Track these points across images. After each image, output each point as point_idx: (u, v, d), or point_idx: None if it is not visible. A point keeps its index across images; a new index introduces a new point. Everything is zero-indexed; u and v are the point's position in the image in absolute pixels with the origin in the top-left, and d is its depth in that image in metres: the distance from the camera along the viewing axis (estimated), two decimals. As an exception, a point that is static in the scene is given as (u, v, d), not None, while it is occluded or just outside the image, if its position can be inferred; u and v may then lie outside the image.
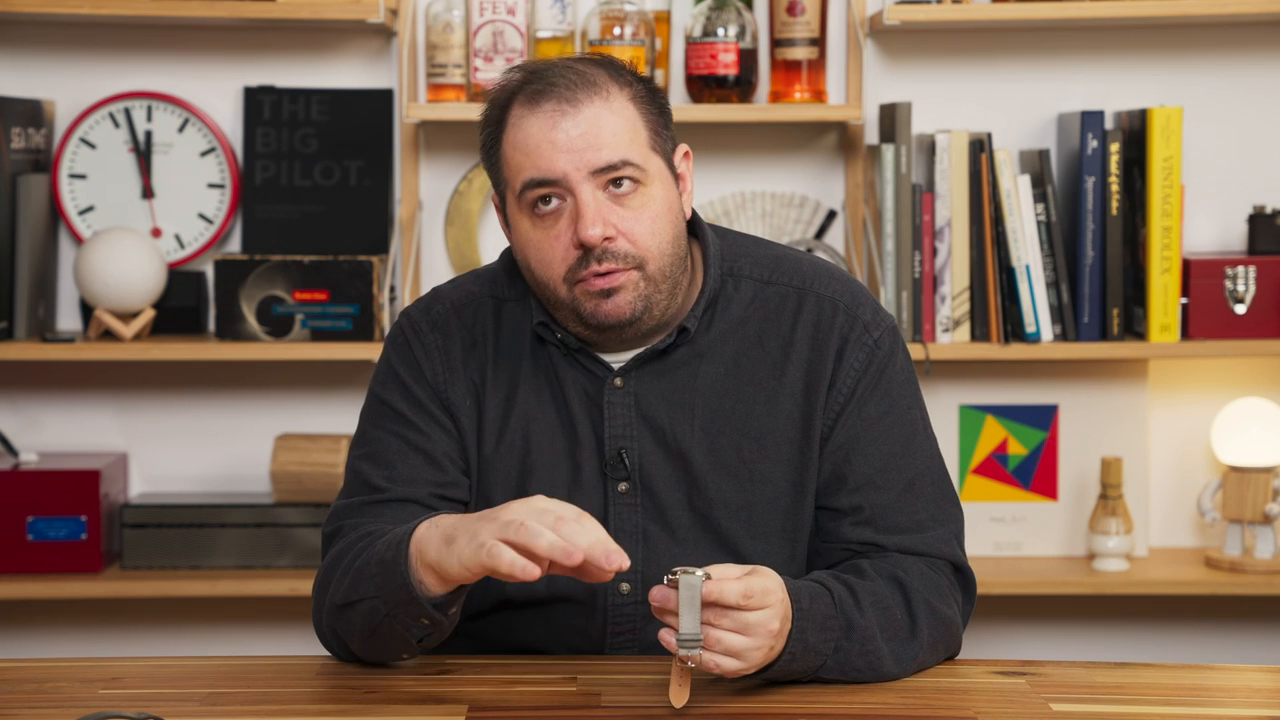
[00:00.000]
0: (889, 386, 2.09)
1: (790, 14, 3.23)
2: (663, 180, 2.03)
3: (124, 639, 3.41)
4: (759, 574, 1.85)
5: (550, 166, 1.98)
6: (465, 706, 1.89)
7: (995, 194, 3.21)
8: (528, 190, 2.00)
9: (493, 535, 1.79)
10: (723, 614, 1.81)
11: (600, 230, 1.98)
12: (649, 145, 2.02)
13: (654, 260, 2.01)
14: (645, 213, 2.01)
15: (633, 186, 2.00)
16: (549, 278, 2.02)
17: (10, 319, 3.23)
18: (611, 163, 1.99)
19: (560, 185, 1.99)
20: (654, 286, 2.02)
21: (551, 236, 2.01)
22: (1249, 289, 3.24)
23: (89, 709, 1.84)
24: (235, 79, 3.38)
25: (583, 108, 1.99)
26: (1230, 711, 1.92)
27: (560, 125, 1.98)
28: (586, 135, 1.98)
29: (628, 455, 2.07)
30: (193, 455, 3.42)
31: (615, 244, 1.99)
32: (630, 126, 2.01)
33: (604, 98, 2.00)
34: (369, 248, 3.32)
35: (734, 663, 1.83)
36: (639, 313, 2.02)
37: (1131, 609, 3.46)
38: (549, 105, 1.99)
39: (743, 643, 1.83)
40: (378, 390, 2.13)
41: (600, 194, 1.99)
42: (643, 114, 2.03)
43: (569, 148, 1.98)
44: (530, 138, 2.00)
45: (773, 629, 1.83)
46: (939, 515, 2.08)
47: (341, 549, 2.02)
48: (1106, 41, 3.40)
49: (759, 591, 1.82)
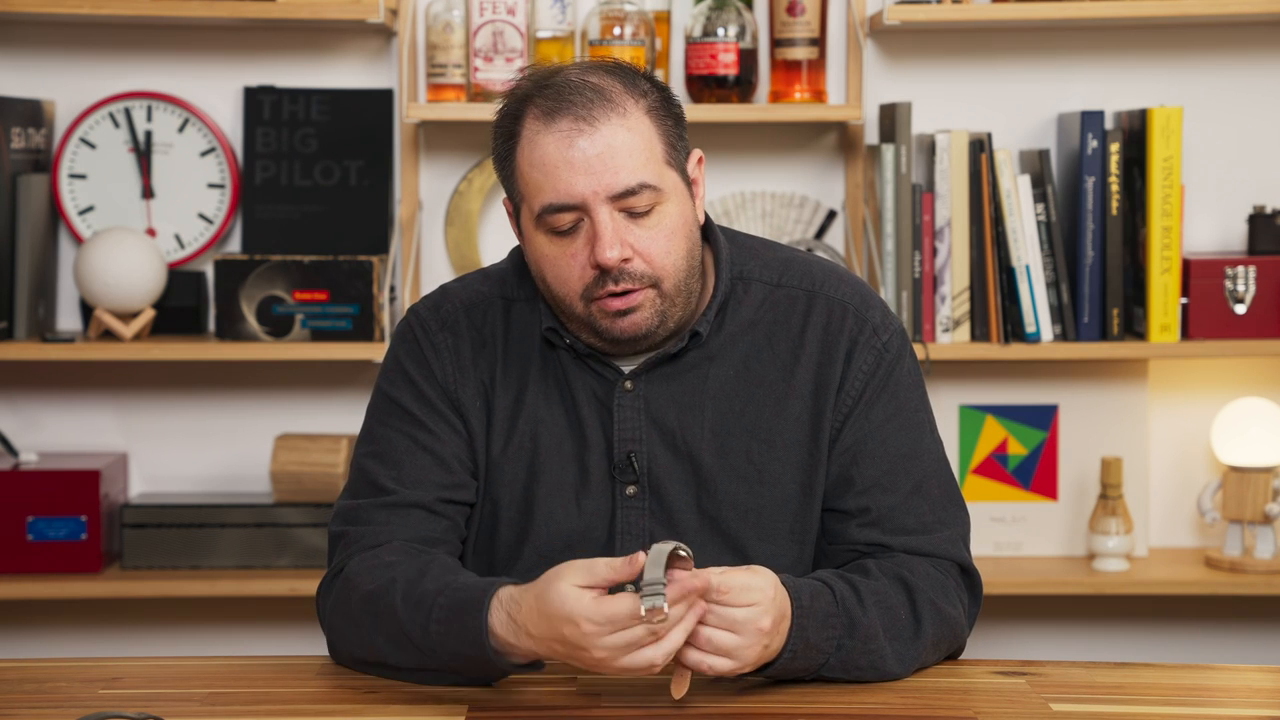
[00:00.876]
0: (897, 389, 2.10)
1: (790, 14, 3.23)
2: (678, 195, 2.03)
3: (124, 639, 3.41)
4: (746, 571, 1.85)
5: (569, 190, 1.98)
6: (465, 706, 1.89)
7: (995, 194, 3.21)
8: (547, 215, 2.00)
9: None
10: (709, 611, 1.82)
11: (618, 253, 1.98)
12: (664, 160, 2.02)
13: (670, 278, 2.02)
14: (661, 232, 2.01)
15: (649, 206, 2.00)
16: (565, 294, 2.03)
17: (10, 319, 3.23)
18: (629, 187, 1.98)
19: (578, 209, 1.99)
20: (669, 302, 2.03)
21: (568, 255, 2.01)
22: (1249, 289, 3.24)
23: (89, 709, 1.84)
24: (235, 79, 3.38)
25: (600, 126, 1.98)
26: (1230, 711, 1.92)
27: (577, 144, 1.98)
28: (604, 156, 1.97)
29: (636, 459, 2.07)
30: (193, 455, 3.42)
31: (632, 265, 2.00)
32: (646, 144, 2.00)
33: (620, 114, 1.99)
34: (369, 248, 3.32)
35: (726, 662, 1.84)
36: (654, 328, 2.03)
37: (1131, 609, 3.46)
38: (565, 124, 1.98)
39: (732, 640, 1.83)
40: (386, 388, 2.13)
41: (618, 215, 1.99)
42: (658, 127, 2.02)
43: (587, 170, 1.97)
44: (547, 157, 1.99)
45: (762, 627, 1.84)
46: (946, 517, 2.09)
47: (355, 574, 2.00)
48: (1106, 41, 3.40)
49: (738, 587, 1.83)
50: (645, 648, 1.80)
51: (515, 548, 2.09)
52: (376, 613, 1.95)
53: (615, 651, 1.80)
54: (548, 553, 2.05)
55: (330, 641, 2.05)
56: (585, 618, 1.79)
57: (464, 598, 1.89)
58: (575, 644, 1.80)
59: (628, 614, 1.78)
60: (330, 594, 2.04)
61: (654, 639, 1.79)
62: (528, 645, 1.85)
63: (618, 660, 1.80)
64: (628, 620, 1.78)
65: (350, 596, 1.99)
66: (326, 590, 2.05)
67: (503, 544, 2.10)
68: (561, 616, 1.80)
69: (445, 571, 1.95)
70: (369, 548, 2.03)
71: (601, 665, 1.81)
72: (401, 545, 2.02)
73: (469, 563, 2.11)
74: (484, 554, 2.11)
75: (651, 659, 1.80)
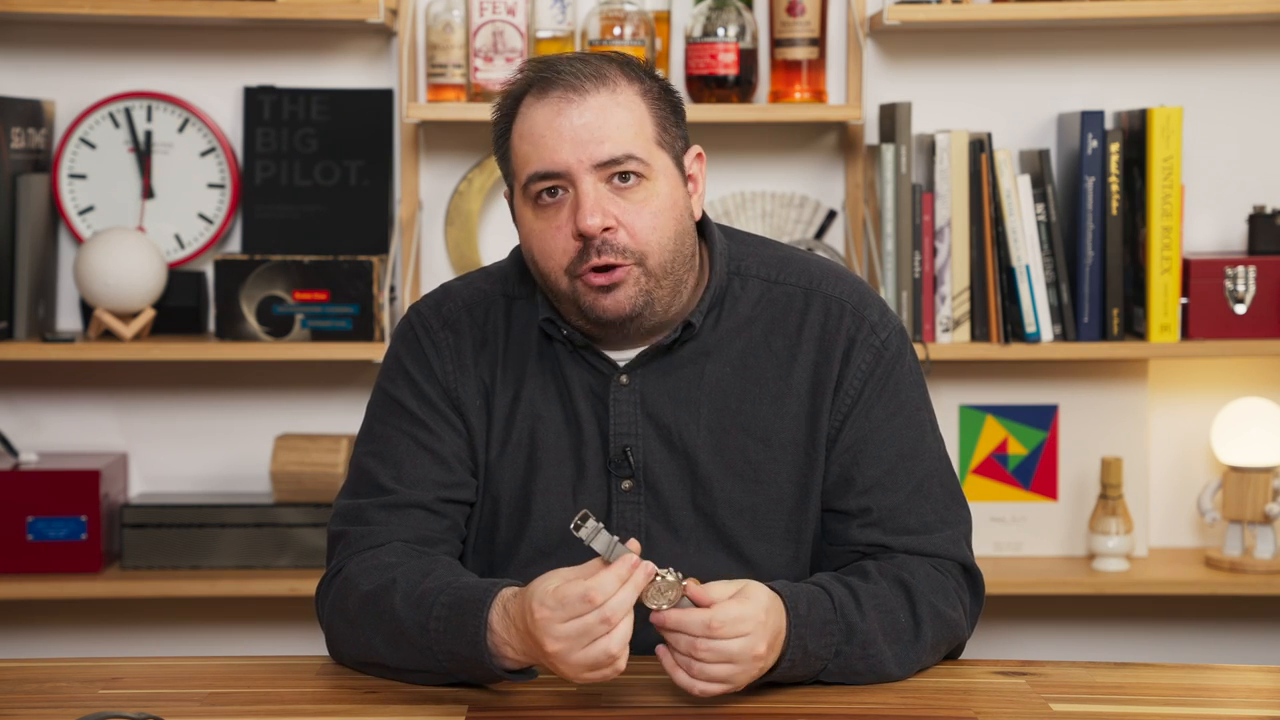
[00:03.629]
0: (897, 388, 2.09)
1: (790, 14, 3.23)
2: (668, 177, 2.03)
3: (124, 639, 3.41)
4: (740, 598, 1.85)
5: (554, 158, 1.99)
6: (465, 707, 1.89)
7: (995, 194, 3.21)
8: (532, 183, 2.01)
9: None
10: (704, 648, 1.82)
11: (599, 220, 1.97)
12: (654, 140, 2.02)
13: (654, 255, 2.01)
14: (647, 207, 2.00)
15: (636, 180, 2.00)
16: (550, 269, 2.02)
17: (10, 319, 3.23)
18: (614, 156, 1.99)
19: (563, 177, 1.99)
20: (655, 282, 2.02)
21: (553, 227, 2.01)
22: (1249, 289, 3.24)
23: (89, 709, 1.84)
24: (235, 79, 3.38)
25: (589, 97, 1.99)
26: (1230, 711, 1.92)
27: (565, 113, 1.99)
28: (590, 125, 1.98)
29: (632, 453, 2.07)
30: (193, 455, 3.42)
31: (615, 235, 1.99)
32: (636, 120, 2.01)
33: (610, 89, 2.00)
34: (369, 248, 3.32)
35: (721, 687, 1.85)
36: (639, 308, 2.02)
37: (1131, 609, 3.46)
38: (556, 94, 2.00)
39: (729, 670, 1.84)
40: (386, 386, 2.13)
41: (602, 185, 1.99)
42: (651, 109, 2.03)
43: (573, 138, 1.98)
44: (535, 126, 2.00)
45: (758, 653, 1.84)
46: (947, 517, 2.08)
47: (355, 574, 2.00)
48: (1106, 41, 3.40)
49: (730, 620, 1.83)
50: (599, 639, 1.79)
51: (513, 543, 2.09)
52: (375, 612, 1.95)
53: (569, 643, 1.79)
54: (544, 548, 2.06)
55: (329, 641, 2.05)
56: (540, 602, 1.80)
57: (466, 596, 1.89)
58: (534, 635, 1.81)
59: (577, 596, 1.78)
60: (329, 593, 2.04)
61: (606, 628, 1.79)
62: (517, 644, 1.86)
63: (574, 654, 1.79)
64: (577, 603, 1.78)
65: (349, 596, 1.99)
66: (326, 589, 2.05)
67: (501, 540, 2.10)
68: (528, 605, 1.81)
69: (448, 572, 1.96)
70: (369, 548, 2.03)
71: (560, 662, 1.80)
72: (402, 546, 2.02)
73: (469, 561, 2.11)
74: (484, 553, 2.11)
75: (607, 648, 1.79)
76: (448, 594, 1.91)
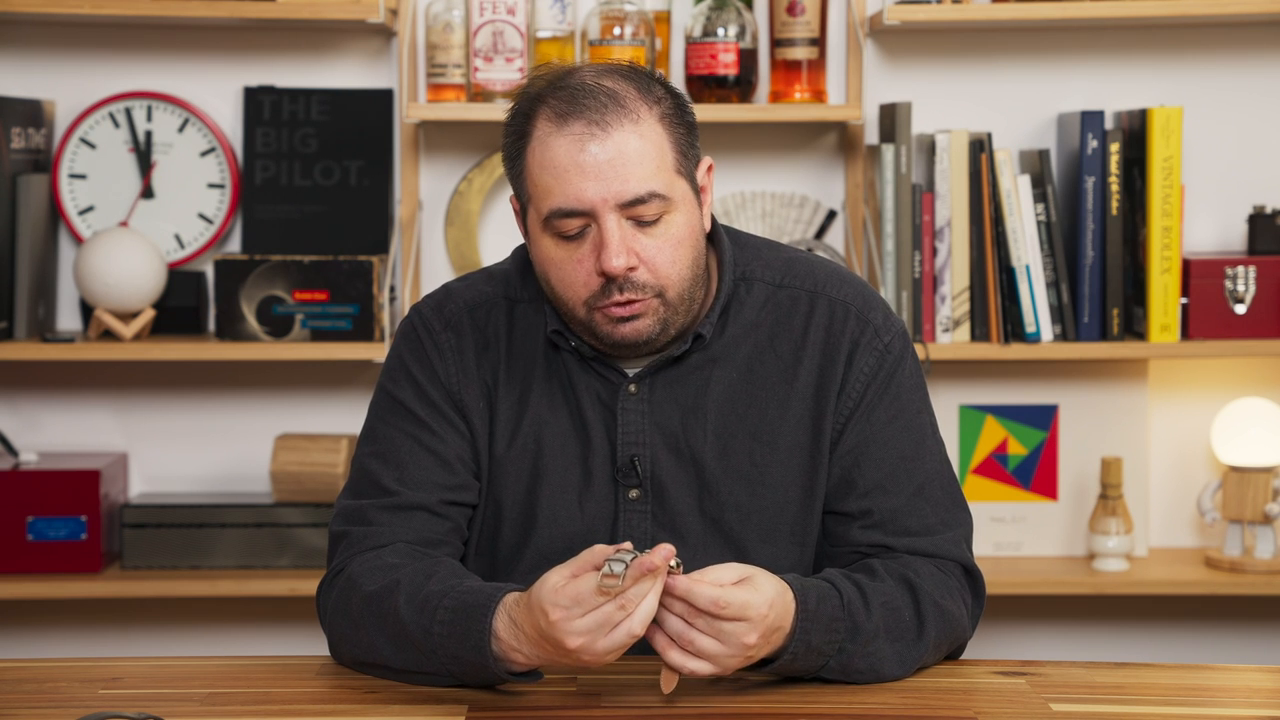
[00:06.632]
0: (899, 391, 2.09)
1: (790, 14, 3.23)
2: (686, 205, 2.02)
3: (124, 639, 3.41)
4: (748, 585, 1.84)
5: (579, 196, 1.97)
6: (465, 707, 1.89)
7: (995, 194, 3.21)
8: (554, 218, 1.99)
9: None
10: (697, 615, 1.82)
11: (624, 261, 1.97)
12: (675, 169, 2.01)
13: (674, 287, 2.01)
14: (668, 241, 2.00)
15: (657, 215, 1.99)
16: (569, 298, 2.02)
17: (10, 319, 3.23)
18: (639, 195, 1.97)
19: (587, 215, 1.98)
20: (672, 310, 2.02)
21: (574, 260, 2.00)
22: (1249, 289, 3.24)
23: (89, 709, 1.84)
24: (235, 79, 3.38)
25: (612, 132, 1.96)
26: (1230, 711, 1.92)
27: (588, 149, 1.96)
28: (615, 163, 1.96)
29: (640, 462, 2.07)
30: (193, 455, 3.42)
31: (637, 274, 1.99)
32: (658, 152, 1.99)
33: (634, 121, 1.97)
34: (369, 248, 3.32)
35: (707, 666, 1.84)
36: (656, 335, 2.03)
37: (1131, 609, 3.46)
38: (578, 127, 1.97)
39: (716, 648, 1.83)
40: (389, 387, 2.12)
41: (625, 223, 1.98)
42: (670, 134, 2.01)
43: (597, 175, 1.96)
44: (558, 160, 1.98)
45: (747, 642, 1.83)
46: (948, 519, 2.09)
47: (358, 575, 2.00)
48: (1106, 41, 3.40)
49: (737, 604, 1.82)
50: (620, 624, 1.79)
51: (517, 549, 2.09)
52: (378, 613, 1.95)
53: (590, 635, 1.79)
54: (550, 554, 2.05)
55: (330, 641, 2.05)
56: (552, 603, 1.79)
57: (470, 600, 1.89)
58: (551, 637, 1.80)
59: (590, 590, 1.78)
60: (331, 594, 2.04)
61: (624, 615, 1.79)
62: (527, 649, 1.85)
63: (597, 644, 1.79)
64: (592, 598, 1.78)
65: (352, 596, 1.99)
66: (327, 590, 2.05)
67: (505, 545, 2.10)
68: (537, 609, 1.81)
69: (451, 575, 1.95)
70: (371, 548, 2.03)
71: (583, 654, 1.80)
72: (404, 547, 2.02)
73: (471, 564, 2.11)
74: (486, 555, 2.11)
75: (630, 629, 1.79)
76: (451, 598, 1.91)
